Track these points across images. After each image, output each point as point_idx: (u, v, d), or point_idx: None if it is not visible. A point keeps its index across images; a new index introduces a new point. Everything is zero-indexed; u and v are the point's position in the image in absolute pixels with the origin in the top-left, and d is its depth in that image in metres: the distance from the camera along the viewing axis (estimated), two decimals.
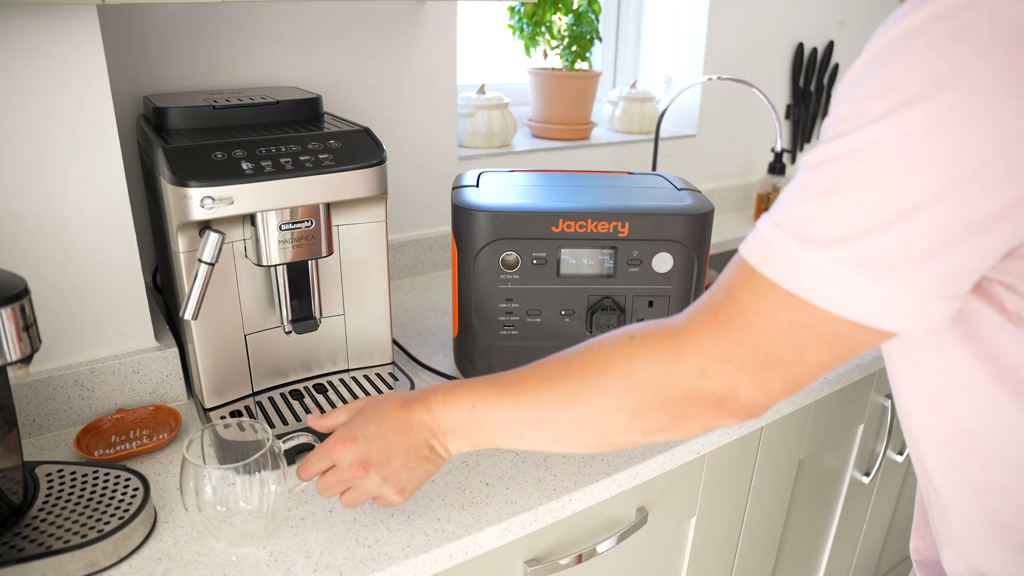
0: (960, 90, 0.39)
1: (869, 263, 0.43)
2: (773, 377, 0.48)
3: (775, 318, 0.46)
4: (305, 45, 1.12)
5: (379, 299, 0.91)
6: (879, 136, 0.42)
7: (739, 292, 0.48)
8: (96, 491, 0.70)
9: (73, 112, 0.76)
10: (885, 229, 0.42)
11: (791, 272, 0.45)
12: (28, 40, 0.72)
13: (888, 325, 0.44)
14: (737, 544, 1.10)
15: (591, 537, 0.85)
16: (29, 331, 0.60)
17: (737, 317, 0.47)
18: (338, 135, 0.82)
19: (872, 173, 0.42)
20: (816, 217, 0.44)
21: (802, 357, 0.47)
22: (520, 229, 0.87)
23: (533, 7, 1.54)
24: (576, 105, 1.55)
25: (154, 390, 0.89)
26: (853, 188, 0.43)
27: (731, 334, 0.48)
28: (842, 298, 0.44)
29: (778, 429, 1.04)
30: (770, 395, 0.49)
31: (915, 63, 0.40)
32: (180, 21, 1.02)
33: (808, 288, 0.45)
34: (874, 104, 0.42)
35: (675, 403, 0.50)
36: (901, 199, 0.41)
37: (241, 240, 0.81)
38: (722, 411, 0.50)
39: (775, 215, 0.47)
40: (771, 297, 0.46)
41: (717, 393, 0.49)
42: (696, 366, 0.49)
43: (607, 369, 0.53)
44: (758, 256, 0.47)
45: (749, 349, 0.47)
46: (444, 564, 0.69)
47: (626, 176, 1.03)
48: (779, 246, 0.46)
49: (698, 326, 0.49)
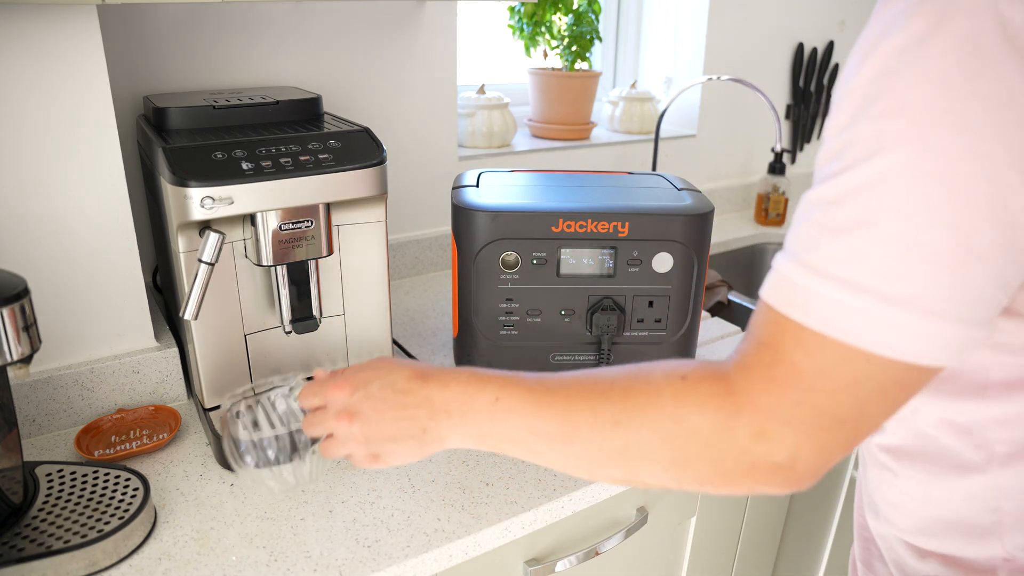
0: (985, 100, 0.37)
1: (922, 299, 0.39)
2: (836, 439, 0.44)
3: (835, 375, 0.42)
4: (305, 45, 1.12)
5: (379, 299, 0.91)
6: (910, 158, 0.38)
7: (788, 349, 0.43)
8: (96, 491, 0.70)
9: (73, 112, 0.76)
10: (929, 259, 0.39)
11: (839, 319, 0.41)
12: (28, 40, 0.72)
13: (947, 361, 0.41)
14: (737, 544, 1.10)
15: (591, 537, 0.85)
16: (29, 331, 0.60)
17: (795, 378, 0.43)
18: (338, 135, 0.82)
19: (908, 198, 0.39)
20: (852, 255, 0.40)
21: (866, 412, 0.43)
22: (520, 229, 0.87)
23: (533, 7, 1.54)
24: (576, 105, 1.55)
25: (154, 390, 0.89)
26: (889, 217, 0.39)
27: (791, 396, 0.43)
28: (898, 341, 0.40)
29: None
30: (830, 459, 0.45)
31: (931, 74, 0.38)
32: (180, 21, 1.02)
33: (861, 335, 0.41)
34: (895, 121, 0.39)
35: (724, 462, 0.46)
36: (943, 223, 0.38)
37: (241, 240, 0.81)
38: (775, 479, 0.45)
39: (802, 257, 0.43)
40: (827, 352, 0.42)
41: (774, 461, 0.44)
42: (753, 428, 0.44)
43: (654, 406, 0.48)
44: (795, 306, 0.43)
45: (811, 411, 0.43)
46: (444, 564, 0.69)
47: (626, 176, 1.03)
48: (818, 291, 0.41)
49: (754, 386, 0.45)
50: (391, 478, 0.77)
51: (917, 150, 0.38)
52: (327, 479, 0.77)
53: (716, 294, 1.42)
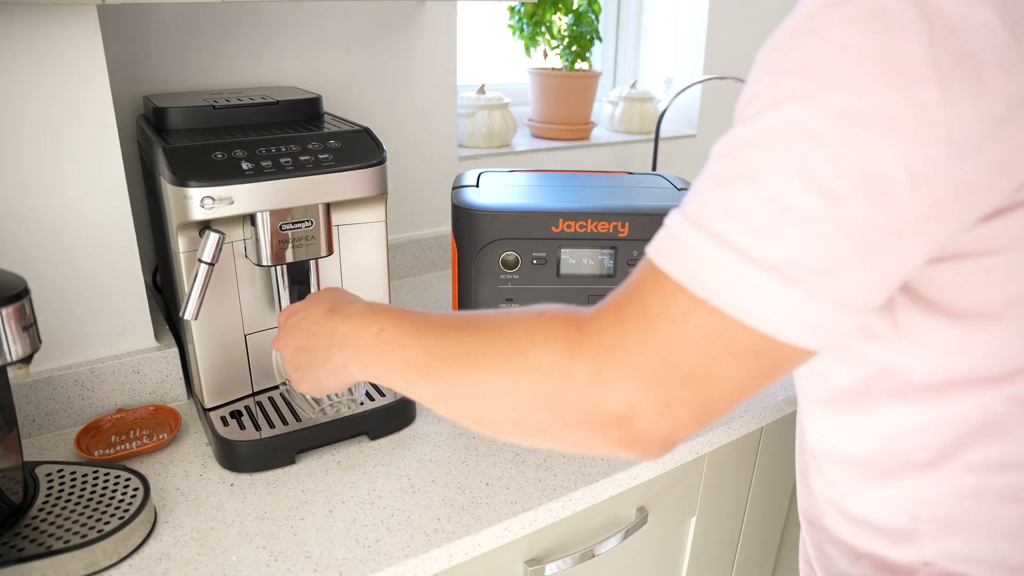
0: (881, 69, 0.35)
1: (782, 263, 0.37)
2: (680, 397, 0.40)
3: (683, 324, 0.39)
4: (305, 45, 1.12)
5: (379, 299, 0.91)
6: (795, 116, 0.37)
7: (645, 292, 0.41)
8: (96, 491, 0.70)
9: (73, 112, 0.76)
10: (800, 224, 0.37)
11: (696, 269, 0.39)
12: (28, 40, 0.72)
13: (803, 340, 0.39)
14: (737, 544, 1.10)
15: (591, 537, 0.85)
16: (29, 331, 0.60)
17: (642, 320, 0.41)
18: (338, 135, 0.82)
19: (787, 156, 0.37)
20: (725, 207, 0.39)
21: (715, 373, 0.40)
22: (520, 229, 0.87)
23: (533, 7, 1.54)
24: (576, 105, 1.55)
25: (154, 390, 0.89)
26: (766, 173, 0.37)
27: (634, 338, 0.41)
28: (750, 303, 0.38)
29: (778, 429, 1.04)
30: (676, 423, 0.41)
31: (832, 38, 0.36)
32: (180, 21, 1.02)
33: (716, 289, 0.38)
34: (790, 80, 0.37)
35: (562, 404, 0.43)
36: (817, 187, 0.36)
37: (241, 240, 0.81)
38: (612, 434, 0.42)
39: (684, 206, 0.41)
40: (680, 299, 0.39)
41: (612, 411, 0.41)
42: (591, 366, 0.41)
43: (503, 337, 0.46)
44: (663, 252, 0.41)
45: (653, 358, 0.40)
46: (444, 564, 0.69)
47: (626, 176, 1.03)
48: (685, 240, 0.40)
49: (602, 323, 0.42)
50: (391, 478, 0.78)
51: (804, 110, 0.37)
52: (327, 479, 0.77)
53: None
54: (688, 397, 0.40)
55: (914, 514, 0.50)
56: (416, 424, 0.88)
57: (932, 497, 0.49)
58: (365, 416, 0.84)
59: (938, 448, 0.48)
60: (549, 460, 0.81)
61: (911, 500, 0.50)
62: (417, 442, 0.84)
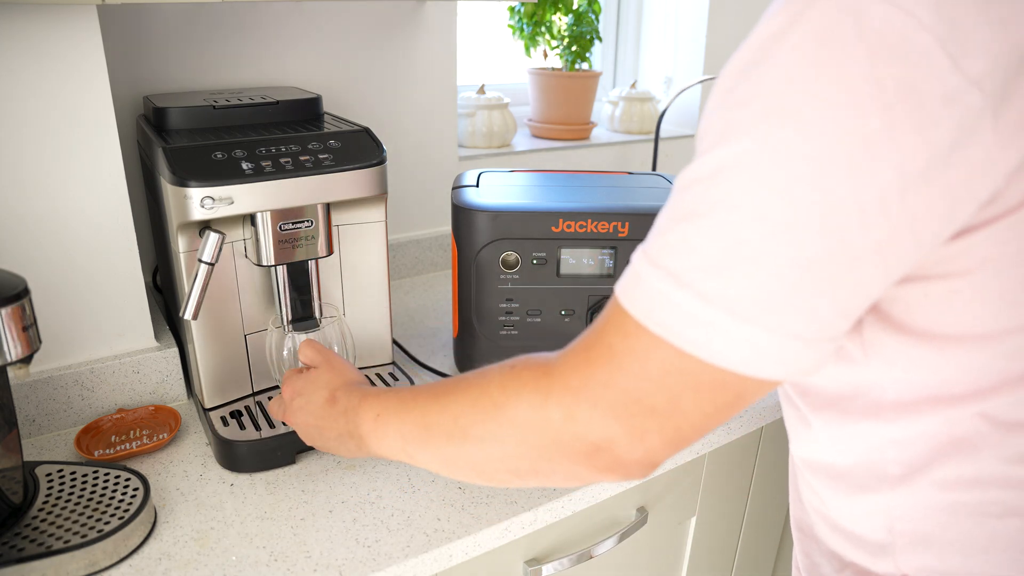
0: (825, 99, 0.35)
1: (735, 300, 0.38)
2: (648, 428, 0.42)
3: (645, 362, 0.41)
4: (305, 45, 1.12)
5: (379, 299, 0.91)
6: (744, 152, 0.37)
7: (610, 331, 0.43)
8: (96, 491, 0.70)
9: (73, 112, 0.76)
10: (751, 260, 0.37)
11: (655, 309, 0.40)
12: (28, 40, 0.72)
13: (766, 373, 0.39)
14: (737, 544, 1.10)
15: (591, 537, 0.85)
16: (29, 331, 0.60)
17: (606, 359, 0.42)
18: (338, 135, 0.82)
19: (738, 193, 0.37)
20: (681, 245, 0.39)
21: (679, 406, 0.41)
22: (520, 229, 0.87)
23: (533, 7, 1.54)
24: (576, 105, 1.55)
25: (154, 390, 0.89)
26: (718, 210, 0.38)
27: (599, 377, 0.42)
28: (707, 340, 0.39)
29: (778, 429, 1.04)
30: (649, 449, 0.43)
31: (778, 70, 0.36)
32: (180, 21, 1.02)
33: (673, 328, 0.39)
34: (740, 114, 0.38)
35: (543, 447, 0.45)
36: (768, 224, 0.36)
37: (241, 240, 0.81)
38: (596, 463, 0.44)
39: (645, 244, 0.42)
40: (642, 338, 0.41)
41: (590, 440, 0.43)
42: (563, 408, 0.44)
43: (483, 398, 0.49)
44: (626, 291, 0.42)
45: (619, 394, 0.42)
46: (444, 564, 0.69)
47: (626, 176, 1.03)
48: (645, 279, 0.41)
49: (568, 365, 0.45)
50: (391, 478, 0.78)
51: (754, 144, 0.37)
52: (327, 479, 0.77)
53: None
54: (656, 427, 0.42)
55: (889, 527, 0.51)
56: None
57: (906, 511, 0.49)
58: None
59: (910, 463, 0.48)
60: None
61: (887, 513, 0.50)
62: None
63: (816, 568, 0.59)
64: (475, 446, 0.49)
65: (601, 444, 0.43)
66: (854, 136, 0.35)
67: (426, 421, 0.53)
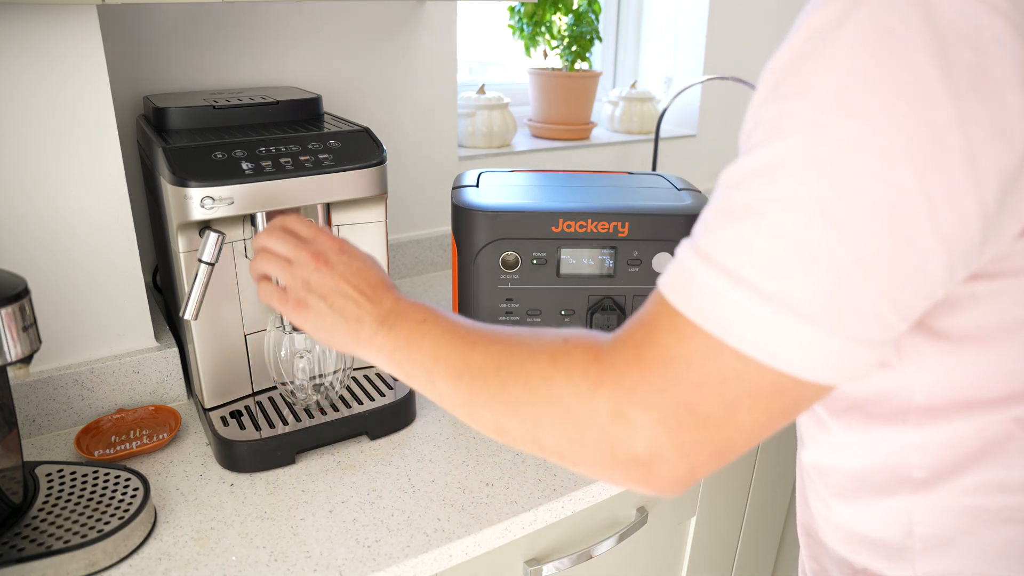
0: (891, 92, 0.33)
1: (798, 300, 0.36)
2: (699, 440, 0.40)
3: (702, 368, 0.39)
4: (305, 45, 1.12)
5: None
6: (805, 145, 0.35)
7: (662, 331, 0.41)
8: (96, 491, 0.70)
9: (73, 112, 0.76)
10: (814, 259, 0.35)
11: (711, 308, 0.38)
12: (28, 40, 0.72)
13: (823, 377, 0.38)
14: (737, 544, 1.10)
15: (591, 537, 0.85)
16: (29, 331, 0.60)
17: (662, 362, 0.40)
18: (338, 135, 0.82)
19: (798, 189, 0.36)
20: (737, 243, 0.37)
21: (734, 417, 0.39)
22: (520, 229, 0.87)
23: (533, 7, 1.54)
24: (576, 105, 1.55)
25: (154, 390, 0.89)
26: (777, 207, 0.36)
27: (654, 380, 0.40)
28: (768, 342, 0.37)
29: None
30: (695, 465, 0.41)
31: (837, 60, 0.35)
32: (180, 21, 1.02)
33: (732, 329, 0.38)
34: (797, 106, 0.36)
35: (582, 436, 0.43)
36: (831, 220, 0.35)
37: (241, 240, 0.81)
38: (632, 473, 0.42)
39: (696, 241, 0.40)
40: (698, 342, 0.39)
41: (632, 451, 0.41)
42: (612, 404, 0.41)
43: (532, 361, 0.46)
44: (677, 289, 0.40)
45: (673, 403, 0.40)
46: (444, 564, 0.69)
47: (626, 176, 1.03)
48: (699, 278, 0.39)
49: (621, 361, 0.42)
50: (391, 478, 0.78)
51: (812, 137, 0.35)
52: (327, 479, 0.77)
53: None
54: (707, 440, 0.40)
55: (908, 531, 0.50)
56: (416, 424, 0.88)
57: (927, 515, 0.49)
58: (365, 416, 0.84)
59: (937, 468, 0.47)
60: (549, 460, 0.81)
61: (906, 517, 0.50)
62: (417, 442, 0.84)
63: (826, 574, 0.59)
64: (508, 404, 0.47)
65: (644, 457, 0.41)
66: (923, 127, 0.33)
67: (468, 356, 0.50)
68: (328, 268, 0.60)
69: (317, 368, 0.83)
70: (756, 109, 0.39)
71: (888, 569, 0.52)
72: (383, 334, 0.57)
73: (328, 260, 0.60)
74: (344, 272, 0.59)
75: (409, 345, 0.55)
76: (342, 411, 0.84)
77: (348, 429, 0.83)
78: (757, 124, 0.38)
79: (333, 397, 0.85)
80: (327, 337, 0.60)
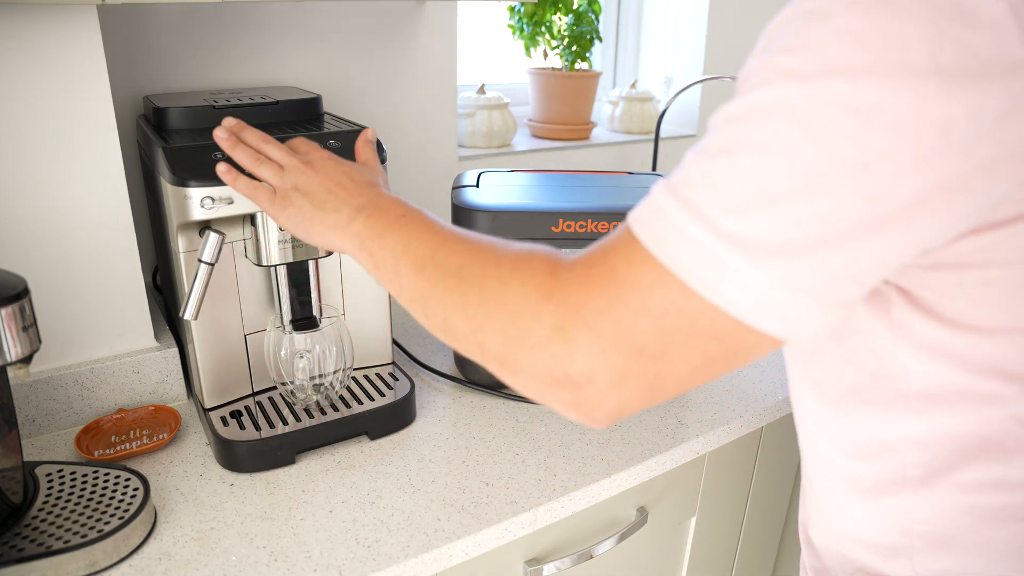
0: (878, 59, 0.34)
1: (752, 242, 0.37)
2: (631, 369, 0.40)
3: (647, 295, 0.39)
4: (305, 45, 1.12)
5: (379, 299, 0.91)
6: (787, 96, 0.36)
7: (616, 255, 0.41)
8: (96, 491, 0.70)
9: (73, 112, 0.76)
10: (774, 204, 0.36)
11: (667, 239, 0.39)
12: (28, 40, 0.72)
13: (761, 323, 0.38)
14: (737, 544, 1.10)
15: (591, 537, 0.85)
16: (29, 331, 0.60)
17: (609, 283, 0.41)
18: (338, 135, 0.82)
19: (772, 136, 0.36)
20: (705, 180, 0.38)
21: (669, 351, 0.40)
22: (520, 229, 0.87)
23: (533, 7, 1.54)
24: (576, 105, 1.55)
25: (154, 390, 0.89)
26: (749, 150, 0.37)
27: (598, 300, 0.41)
28: (715, 279, 0.38)
29: (778, 429, 1.04)
30: (624, 396, 0.42)
31: (837, 21, 0.35)
32: (180, 21, 1.02)
33: (683, 260, 0.38)
34: (788, 59, 0.37)
35: (522, 342, 0.43)
36: (798, 170, 0.36)
37: (241, 240, 0.81)
38: (564, 394, 0.43)
39: (668, 177, 0.41)
40: (648, 270, 0.39)
41: (567, 371, 0.42)
42: (554, 318, 0.42)
43: (494, 264, 0.47)
44: (640, 218, 0.41)
45: (613, 325, 0.40)
46: (444, 564, 0.69)
47: (626, 176, 1.03)
48: (664, 208, 0.39)
49: (572, 278, 0.43)
50: (391, 478, 0.78)
51: (796, 90, 0.36)
52: (327, 479, 0.77)
53: None
54: (639, 370, 0.41)
55: (906, 530, 0.50)
56: (416, 424, 0.88)
57: (925, 514, 0.49)
58: (365, 416, 0.84)
59: (932, 465, 0.47)
60: (549, 460, 0.81)
61: (904, 517, 0.50)
62: (417, 442, 0.84)
63: (827, 572, 0.59)
64: (460, 303, 0.48)
65: (577, 378, 0.41)
66: (907, 96, 0.34)
67: (435, 252, 0.52)
68: (314, 171, 0.64)
69: (317, 368, 0.83)
70: (753, 57, 0.39)
71: (886, 567, 0.52)
72: (360, 221, 0.59)
73: (315, 165, 0.65)
74: (330, 173, 0.63)
75: (384, 235, 0.56)
76: (342, 411, 0.84)
77: (348, 429, 0.83)
78: (751, 72, 0.39)
79: (333, 397, 0.85)
80: (306, 229, 0.63)
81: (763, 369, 1.03)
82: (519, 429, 0.87)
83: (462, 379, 0.97)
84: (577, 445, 0.84)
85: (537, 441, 0.85)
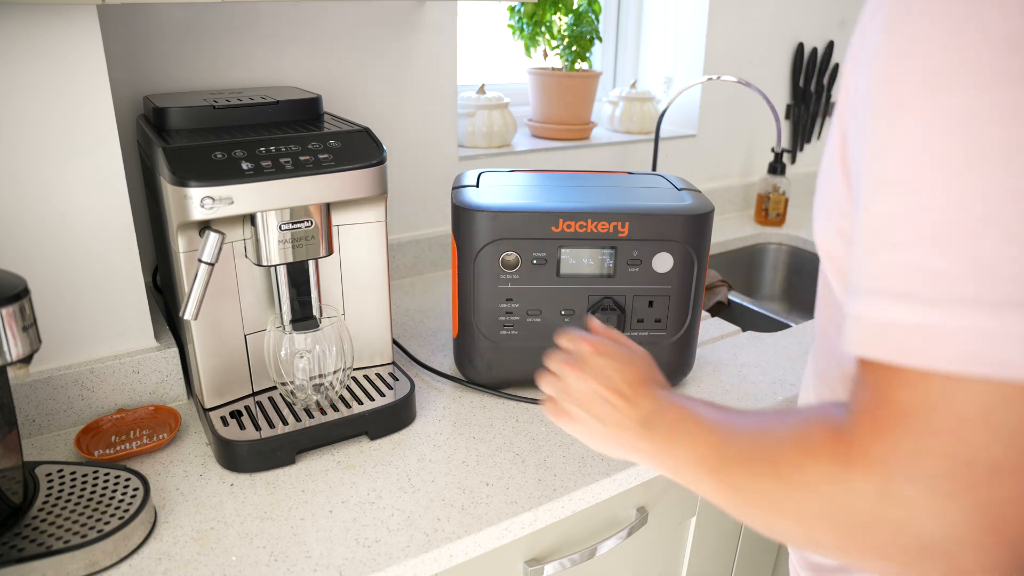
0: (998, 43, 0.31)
1: (991, 292, 0.31)
2: (998, 497, 0.32)
3: (953, 409, 0.33)
4: (305, 45, 1.12)
5: (379, 299, 0.91)
6: (957, 123, 0.32)
7: (890, 387, 0.35)
8: (96, 491, 0.70)
9: (73, 112, 0.76)
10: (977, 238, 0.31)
11: (928, 343, 0.33)
12: (28, 40, 0.72)
13: None
14: (737, 544, 1.10)
15: (591, 537, 0.85)
16: (29, 331, 0.60)
17: (902, 419, 0.34)
18: (338, 135, 0.82)
19: (960, 174, 0.32)
20: (919, 259, 0.33)
21: (1010, 449, 0.32)
22: (520, 229, 0.87)
23: (533, 7, 1.54)
24: (576, 105, 1.55)
25: (154, 390, 0.89)
26: (940, 198, 0.32)
27: (906, 444, 0.34)
28: (996, 350, 0.31)
29: None
30: (1003, 533, 0.32)
31: (988, 25, 0.32)
32: (180, 21, 1.02)
33: (976, 356, 0.32)
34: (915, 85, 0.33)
35: (853, 524, 0.36)
36: (1011, 198, 0.31)
37: (241, 240, 0.81)
38: (936, 565, 0.34)
39: (861, 283, 0.36)
40: (932, 384, 0.33)
41: (918, 537, 0.34)
42: (873, 484, 0.35)
43: (779, 447, 0.42)
44: (874, 346, 0.35)
45: (939, 461, 0.33)
46: (444, 564, 0.69)
47: (626, 176, 1.03)
48: (895, 321, 0.34)
49: (861, 430, 0.36)
50: (391, 478, 0.78)
51: (964, 114, 0.32)
52: (327, 479, 0.77)
53: (716, 294, 1.42)
54: (1006, 494, 0.32)
55: None
56: (416, 424, 0.88)
57: None
58: (365, 416, 0.84)
59: None
60: (549, 460, 0.81)
61: None
62: (417, 442, 0.84)
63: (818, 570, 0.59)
64: (765, 499, 0.42)
65: (933, 540, 0.33)
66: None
67: (723, 452, 0.47)
68: (583, 373, 0.59)
69: (317, 368, 0.83)
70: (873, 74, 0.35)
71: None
72: (645, 438, 0.55)
73: (583, 365, 0.60)
74: (599, 375, 0.59)
75: (669, 449, 0.53)
76: (342, 411, 0.84)
77: (348, 429, 0.83)
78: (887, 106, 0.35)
79: (333, 397, 0.85)
80: (596, 444, 0.60)
81: (763, 369, 1.03)
82: (519, 429, 0.87)
83: (462, 379, 0.97)
84: (577, 445, 0.84)
85: (537, 441, 0.85)
